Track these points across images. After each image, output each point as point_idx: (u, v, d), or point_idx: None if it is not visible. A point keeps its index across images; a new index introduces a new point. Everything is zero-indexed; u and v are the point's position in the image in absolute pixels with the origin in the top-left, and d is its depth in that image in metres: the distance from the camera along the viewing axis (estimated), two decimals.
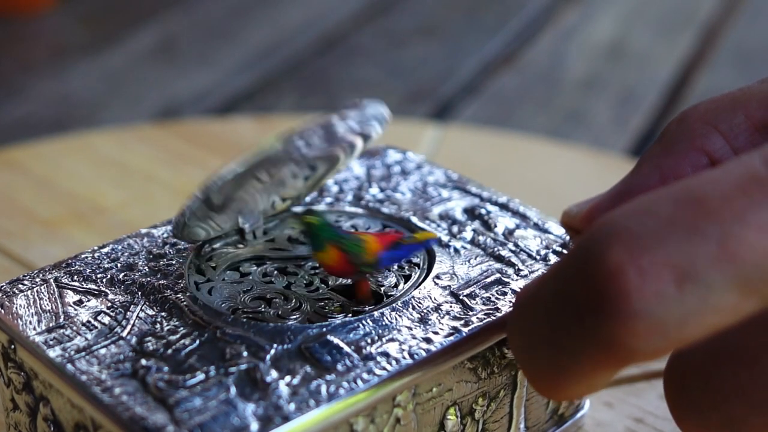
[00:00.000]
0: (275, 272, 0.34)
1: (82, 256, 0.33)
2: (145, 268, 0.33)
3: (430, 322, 0.30)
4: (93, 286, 0.32)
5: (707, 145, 0.28)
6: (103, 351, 0.29)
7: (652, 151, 0.29)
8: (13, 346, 0.30)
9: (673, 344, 0.21)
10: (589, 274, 0.21)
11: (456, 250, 0.34)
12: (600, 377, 0.23)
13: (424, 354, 0.29)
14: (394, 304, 0.31)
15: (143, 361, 0.28)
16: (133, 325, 0.30)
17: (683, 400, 0.25)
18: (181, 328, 0.30)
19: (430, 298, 0.32)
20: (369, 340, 0.29)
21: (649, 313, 0.21)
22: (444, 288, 0.32)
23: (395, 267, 0.34)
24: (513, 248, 0.34)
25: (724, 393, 0.24)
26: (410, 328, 0.30)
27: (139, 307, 0.31)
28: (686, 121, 0.28)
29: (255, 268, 0.34)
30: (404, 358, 0.29)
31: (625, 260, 0.21)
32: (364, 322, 0.30)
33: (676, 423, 0.26)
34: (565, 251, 0.35)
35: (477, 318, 0.31)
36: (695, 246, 0.21)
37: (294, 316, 0.31)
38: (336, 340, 0.29)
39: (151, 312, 0.31)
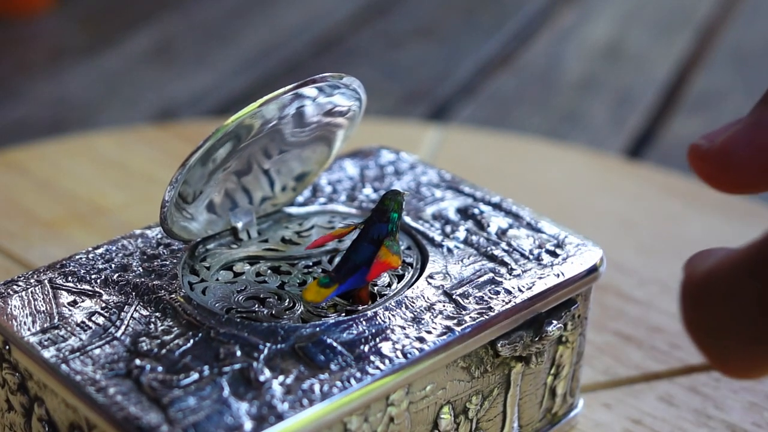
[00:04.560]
0: (268, 272, 0.34)
1: (77, 257, 0.34)
2: (139, 268, 0.33)
3: (423, 322, 0.31)
4: (87, 287, 0.32)
5: None
6: (97, 351, 0.29)
7: None
8: (7, 347, 0.30)
9: None
10: None
11: (449, 250, 0.34)
12: None
13: (417, 353, 0.29)
14: (387, 304, 0.31)
15: (137, 361, 0.28)
16: (128, 325, 0.30)
17: (704, 318, 0.25)
18: (175, 328, 0.30)
19: (423, 298, 0.32)
20: (362, 340, 0.30)
21: None
22: (437, 287, 0.32)
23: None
24: (506, 248, 0.35)
25: (750, 310, 0.23)
26: (403, 328, 0.30)
27: (133, 307, 0.31)
28: None
29: (248, 267, 0.34)
30: (397, 357, 0.29)
31: None
32: (357, 321, 0.30)
33: (691, 337, 0.25)
34: (567, 244, 0.34)
35: (470, 317, 0.31)
36: None
37: (287, 316, 0.31)
38: (329, 340, 0.29)
39: (145, 312, 0.31)
